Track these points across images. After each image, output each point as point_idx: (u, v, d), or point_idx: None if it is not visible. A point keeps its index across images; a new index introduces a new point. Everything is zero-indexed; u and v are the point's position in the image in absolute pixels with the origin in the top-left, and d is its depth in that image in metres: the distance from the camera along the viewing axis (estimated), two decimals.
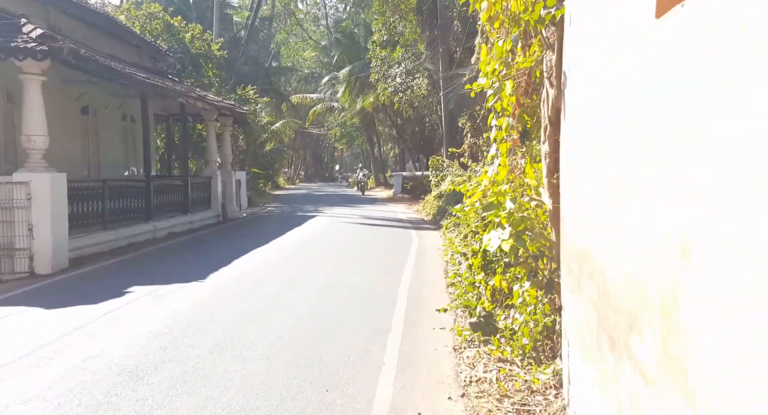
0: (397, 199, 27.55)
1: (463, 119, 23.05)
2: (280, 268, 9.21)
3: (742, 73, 1.31)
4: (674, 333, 1.63)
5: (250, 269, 9.16)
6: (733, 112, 1.35)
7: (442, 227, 15.15)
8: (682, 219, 1.59)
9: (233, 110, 17.89)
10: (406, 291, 7.73)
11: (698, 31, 1.53)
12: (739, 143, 1.32)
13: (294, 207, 23.29)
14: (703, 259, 1.47)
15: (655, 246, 1.78)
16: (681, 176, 1.61)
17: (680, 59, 1.65)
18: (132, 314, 6.33)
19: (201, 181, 17.39)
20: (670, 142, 1.71)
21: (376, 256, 10.84)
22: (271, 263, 9.74)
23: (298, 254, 10.80)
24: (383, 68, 29.10)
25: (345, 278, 8.54)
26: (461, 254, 9.41)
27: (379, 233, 14.36)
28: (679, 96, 1.65)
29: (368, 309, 6.62)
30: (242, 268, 9.22)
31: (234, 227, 16.44)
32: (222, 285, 7.85)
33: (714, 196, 1.42)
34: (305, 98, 38.75)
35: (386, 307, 6.75)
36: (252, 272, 8.83)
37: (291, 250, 11.36)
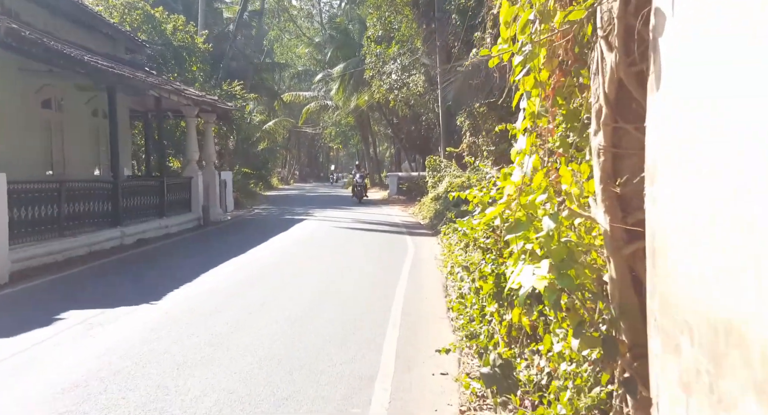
0: (392, 201, 26.17)
1: (462, 117, 21.71)
2: (252, 285, 7.81)
3: None
4: None
5: (217, 286, 7.77)
6: None
7: (440, 232, 13.80)
8: None
9: (215, 106, 16.49)
10: (399, 316, 6.36)
11: None
12: None
13: (283, 209, 21.89)
14: None
15: None
16: None
17: None
18: (48, 355, 4.93)
19: (180, 182, 15.98)
20: None
21: (365, 268, 9.46)
22: (244, 278, 8.35)
23: (276, 267, 9.41)
24: (378, 65, 27.77)
25: (327, 298, 7.15)
26: (463, 267, 8.06)
27: (371, 240, 12.98)
28: None
29: (351, 346, 5.24)
30: (208, 285, 7.83)
31: (214, 232, 15.03)
32: (176, 310, 6.45)
33: None
34: (298, 96, 37.34)
35: (374, 341, 5.38)
36: (217, 291, 7.44)
37: (270, 261, 9.97)
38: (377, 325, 5.87)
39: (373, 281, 8.39)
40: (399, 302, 7.01)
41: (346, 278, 8.54)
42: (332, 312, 6.42)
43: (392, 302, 7.00)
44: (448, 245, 11.97)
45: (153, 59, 19.29)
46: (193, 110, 16.02)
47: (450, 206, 16.54)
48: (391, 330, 5.76)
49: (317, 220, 17.26)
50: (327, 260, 10.09)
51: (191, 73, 20.39)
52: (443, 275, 9.13)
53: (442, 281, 8.66)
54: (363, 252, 11.12)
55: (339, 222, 16.70)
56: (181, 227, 15.02)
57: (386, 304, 6.88)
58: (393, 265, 9.70)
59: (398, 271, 9.17)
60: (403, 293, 7.58)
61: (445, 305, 7.09)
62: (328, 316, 6.21)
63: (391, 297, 7.21)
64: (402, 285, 8.10)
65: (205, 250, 11.67)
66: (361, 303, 6.90)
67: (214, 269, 8.88)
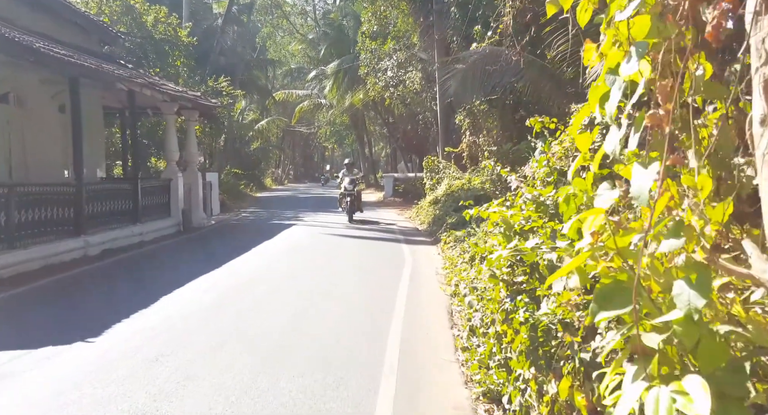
0: (387, 204, 24.84)
1: (461, 115, 20.41)
2: (216, 315, 6.42)
3: None
4: None
5: (177, 313, 6.41)
6: None
7: (441, 240, 12.49)
8: None
9: (197, 102, 15.10)
10: (396, 359, 5.03)
11: None
12: None
13: (272, 213, 20.51)
14: None
15: None
16: None
17: None
18: None
19: (158, 185, 14.60)
20: None
21: (355, 287, 8.11)
22: (209, 303, 6.98)
23: (250, 287, 8.01)
24: (373, 61, 26.44)
25: (304, 333, 5.79)
26: (471, 288, 6.74)
27: (364, 250, 11.63)
28: None
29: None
30: (167, 311, 6.48)
31: (194, 239, 13.66)
32: (116, 352, 5.09)
33: None
34: (291, 94, 35.92)
35: (362, 404, 4.04)
36: (173, 322, 6.07)
37: (244, 279, 8.56)
38: (366, 379, 4.52)
39: (365, 304, 7.05)
40: (395, 338, 5.67)
41: (332, 302, 7.19)
42: (312, 353, 5.07)
43: (387, 337, 5.67)
44: (450, 258, 10.66)
45: (132, 53, 17.90)
46: (172, 107, 14.64)
47: (450, 211, 15.22)
48: (386, 384, 4.42)
49: (306, 225, 15.89)
50: (310, 276, 8.72)
51: (174, 68, 18.99)
52: (446, 294, 7.83)
53: (446, 303, 7.34)
54: (354, 266, 9.77)
55: (329, 228, 15.34)
56: (159, 233, 13.65)
57: (379, 339, 5.55)
58: (387, 282, 8.36)
59: (394, 290, 7.83)
60: (401, 322, 6.26)
61: (452, 339, 5.76)
62: (303, 365, 4.86)
63: (386, 332, 5.87)
64: (399, 311, 6.77)
65: (176, 262, 10.30)
66: (348, 341, 5.56)
67: (180, 289, 7.52)
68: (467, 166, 20.72)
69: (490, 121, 19.30)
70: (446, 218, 14.42)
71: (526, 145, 16.74)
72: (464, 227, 13.31)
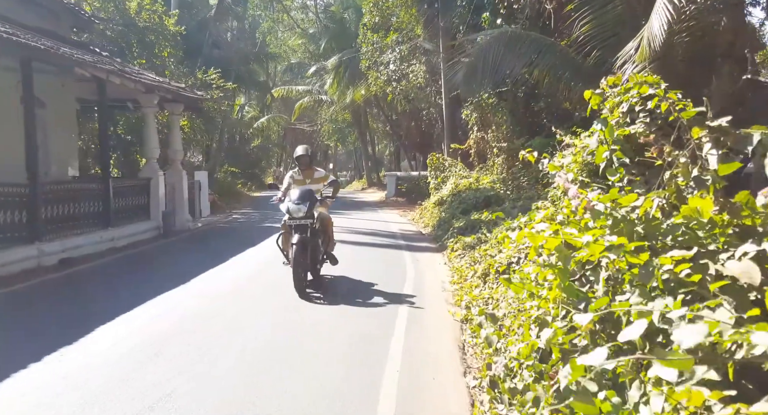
0: (389, 204, 23.32)
1: (468, 110, 18.87)
2: (153, 360, 4.87)
3: None
4: None
5: (104, 355, 4.90)
6: None
7: (447, 247, 10.98)
8: None
9: (178, 94, 13.61)
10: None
11: None
12: None
13: (266, 214, 18.98)
14: None
15: None
16: None
17: None
18: None
19: (135, 185, 13.13)
20: None
21: (345, 310, 6.59)
22: (155, 336, 5.43)
23: (211, 314, 6.45)
24: (375, 54, 24.93)
25: (270, 385, 4.27)
26: (488, 316, 5.24)
27: (360, 258, 10.12)
28: None
29: None
30: (94, 348, 4.98)
31: (171, 246, 12.17)
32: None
33: None
34: (291, 91, 34.40)
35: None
36: (92, 375, 4.54)
37: (208, 300, 7.01)
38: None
39: (357, 335, 5.52)
40: (392, 379, 4.16)
41: (313, 332, 5.68)
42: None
43: (381, 382, 4.16)
44: (459, 269, 9.13)
45: (113, 42, 16.43)
46: (151, 99, 13.15)
47: (457, 213, 13.69)
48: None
49: None
50: (288, 302, 7.21)
51: (161, 59, 17.50)
52: (456, 318, 6.32)
53: (457, 333, 5.83)
54: (345, 280, 8.26)
55: None
56: (135, 238, 12.17)
57: (371, 388, 4.03)
58: (386, 301, 6.84)
59: (393, 313, 6.32)
60: (400, 357, 4.76)
61: (467, 393, 4.25)
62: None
63: (379, 377, 4.35)
64: (397, 340, 5.26)
65: (137, 276, 8.80)
66: (329, 396, 4.04)
67: (123, 316, 6.00)
68: (475, 163, 19.19)
69: (499, 116, 17.74)
70: (453, 221, 12.90)
71: (540, 141, 15.19)
72: (473, 231, 11.78)
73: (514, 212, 11.70)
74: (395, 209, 20.97)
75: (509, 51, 10.98)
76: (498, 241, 9.66)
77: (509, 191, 14.45)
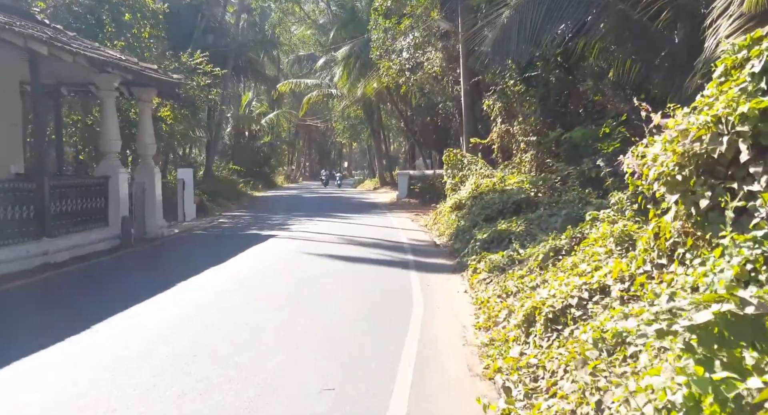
0: (401, 205, 20.68)
1: (490, 100, 16.14)
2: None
3: None
4: None
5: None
6: None
7: (468, 266, 8.34)
8: None
9: (141, 74, 11.11)
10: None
11: None
12: None
13: (258, 218, 16.48)
14: None
15: None
16: None
17: None
18: None
19: (87, 185, 10.67)
20: None
21: (321, 371, 3.99)
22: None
23: (125, 375, 3.97)
24: (387, 42, 22.27)
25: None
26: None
27: (353, 285, 7.50)
28: None
29: None
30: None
31: (124, 260, 9.66)
32: None
33: None
34: (299, 84, 31.85)
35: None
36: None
37: (134, 351, 4.53)
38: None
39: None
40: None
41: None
42: None
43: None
44: (487, 305, 6.47)
45: (81, 19, 14.02)
46: (109, 80, 10.69)
47: (479, 221, 11.01)
48: None
49: (289, 238, 11.76)
50: (248, 344, 4.62)
51: (139, 40, 15.07)
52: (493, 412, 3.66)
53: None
54: (329, 318, 5.65)
55: (317, 242, 11.25)
56: (82, 250, 9.70)
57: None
58: (379, 357, 4.24)
59: (389, 385, 3.72)
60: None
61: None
62: None
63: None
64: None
65: (52, 308, 6.29)
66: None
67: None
68: (498, 160, 16.48)
69: (526, 106, 14.98)
70: (474, 231, 10.20)
71: (582, 132, 12.42)
72: (501, 245, 9.09)
73: (554, 221, 8.99)
74: (407, 211, 18.32)
75: (550, 14, 8.25)
76: (538, 264, 7.00)
77: (541, 193, 11.74)
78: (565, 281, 5.47)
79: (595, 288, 5.05)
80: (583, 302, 4.97)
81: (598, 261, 5.65)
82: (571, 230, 7.03)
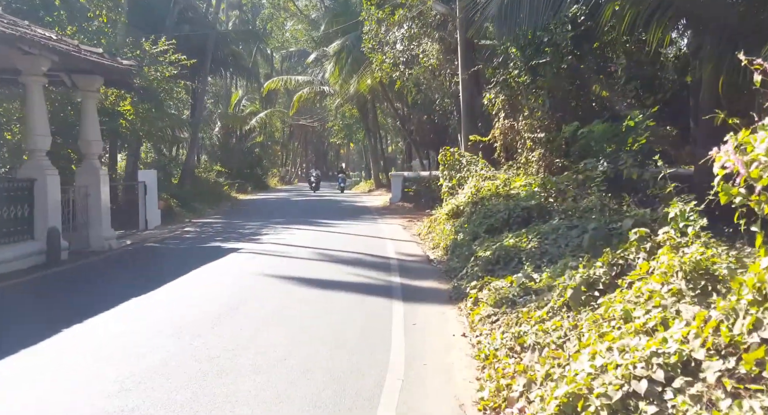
0: (393, 210, 18.69)
1: (491, 93, 14.14)
2: None
3: None
4: None
5: None
6: None
7: (467, 295, 6.36)
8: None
9: (81, 58, 9.12)
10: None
11: None
12: None
13: (231, 225, 14.47)
14: None
15: None
16: None
17: None
18: None
19: (5, 189, 8.68)
20: None
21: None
22: None
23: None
24: (380, 34, 20.33)
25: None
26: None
27: (314, 326, 5.48)
28: None
29: None
30: None
31: (40, 285, 7.64)
32: None
33: None
34: (289, 81, 29.88)
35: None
36: None
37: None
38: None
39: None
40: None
41: None
42: None
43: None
44: (497, 373, 4.48)
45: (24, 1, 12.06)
46: (36, 64, 8.72)
47: (480, 232, 9.01)
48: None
49: (252, 254, 9.68)
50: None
51: (93, 24, 13.11)
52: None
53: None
54: (266, 382, 3.67)
55: (286, 259, 9.26)
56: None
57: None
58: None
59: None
60: None
61: None
62: None
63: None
64: None
65: None
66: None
67: None
68: (500, 160, 14.50)
69: (532, 98, 12.97)
70: (474, 247, 8.20)
71: (602, 127, 10.44)
72: (509, 266, 7.12)
73: (576, 236, 7.01)
74: (399, 217, 16.34)
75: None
76: (564, 302, 5.03)
77: (551, 198, 9.78)
78: (617, 343, 3.50)
79: (673, 363, 3.07)
80: (657, 389, 3.00)
81: (662, 308, 3.68)
82: (609, 253, 5.04)
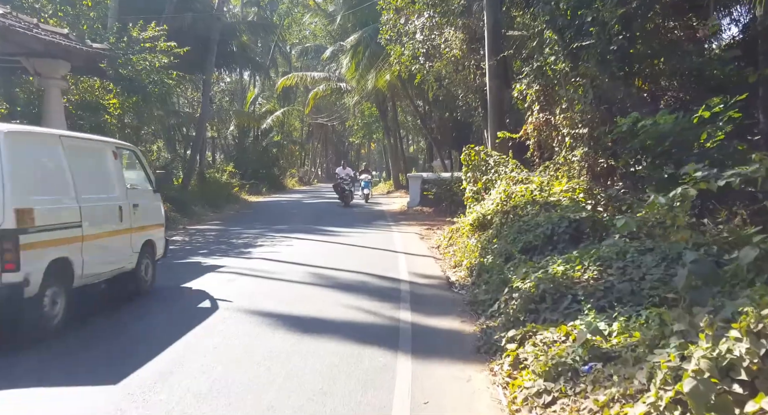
0: (411, 216, 16.82)
1: (523, 84, 12.09)
2: None
3: None
4: None
5: None
6: None
7: (501, 350, 4.51)
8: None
9: (39, 39, 7.48)
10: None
11: None
12: None
13: (230, 232, 12.77)
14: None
15: None
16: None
17: None
18: None
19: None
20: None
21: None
22: None
23: None
24: (398, 23, 18.53)
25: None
26: None
27: (280, 394, 3.64)
28: None
29: None
30: None
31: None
32: None
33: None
34: (304, 78, 28.19)
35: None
36: None
37: None
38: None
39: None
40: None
41: None
42: None
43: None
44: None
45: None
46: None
47: (514, 252, 7.09)
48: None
49: (234, 275, 7.85)
50: None
51: (77, 8, 11.55)
52: None
53: None
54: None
55: (273, 282, 7.45)
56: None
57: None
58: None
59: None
60: None
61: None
62: None
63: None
64: None
65: None
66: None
67: None
68: (534, 160, 12.51)
69: (571, 89, 10.90)
70: (507, 272, 6.27)
71: (667, 118, 8.37)
72: (560, 309, 5.16)
73: (650, 263, 5.05)
74: (417, 224, 14.45)
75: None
76: (666, 380, 3.11)
77: (600, 208, 7.83)
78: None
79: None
80: None
81: None
82: (752, 312, 3.08)
